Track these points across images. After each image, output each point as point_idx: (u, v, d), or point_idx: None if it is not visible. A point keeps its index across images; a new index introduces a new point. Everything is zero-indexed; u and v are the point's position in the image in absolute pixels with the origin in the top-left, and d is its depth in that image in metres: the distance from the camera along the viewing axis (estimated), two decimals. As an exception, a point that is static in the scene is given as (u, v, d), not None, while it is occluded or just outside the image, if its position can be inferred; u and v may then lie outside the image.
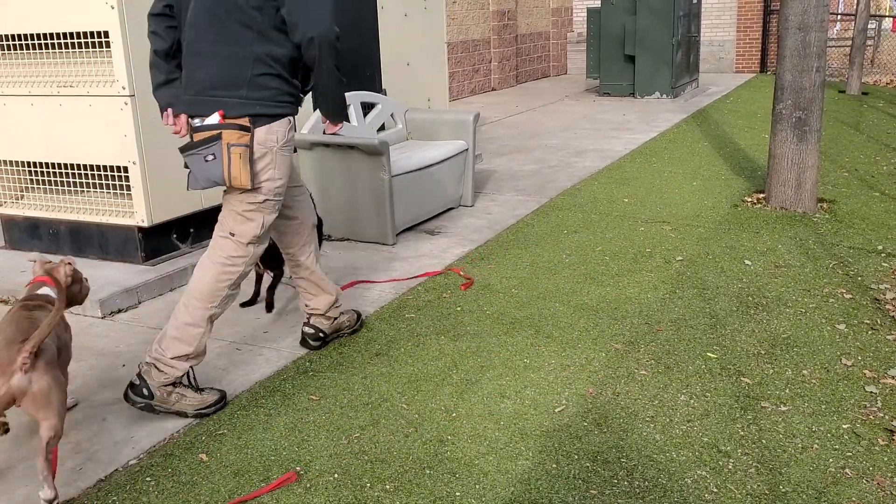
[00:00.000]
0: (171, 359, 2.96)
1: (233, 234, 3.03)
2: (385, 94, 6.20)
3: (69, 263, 2.88)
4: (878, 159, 7.32)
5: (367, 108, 5.83)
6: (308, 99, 5.47)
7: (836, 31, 17.86)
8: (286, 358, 3.55)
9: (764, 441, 2.81)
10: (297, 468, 2.70)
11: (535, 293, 4.24)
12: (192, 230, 4.83)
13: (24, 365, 2.37)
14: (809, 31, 5.38)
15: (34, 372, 2.40)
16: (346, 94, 5.59)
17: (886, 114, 9.48)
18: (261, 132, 2.90)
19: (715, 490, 2.54)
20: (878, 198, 5.98)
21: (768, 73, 14.90)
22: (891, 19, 16.49)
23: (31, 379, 2.39)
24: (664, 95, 11.68)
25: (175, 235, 4.74)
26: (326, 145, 5.09)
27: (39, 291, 2.74)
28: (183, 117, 3.03)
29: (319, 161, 5.15)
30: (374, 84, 6.14)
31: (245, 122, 2.85)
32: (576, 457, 2.74)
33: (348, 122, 4.09)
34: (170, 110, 3.07)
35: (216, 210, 4.96)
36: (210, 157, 2.83)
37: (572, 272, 4.56)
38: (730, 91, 12.54)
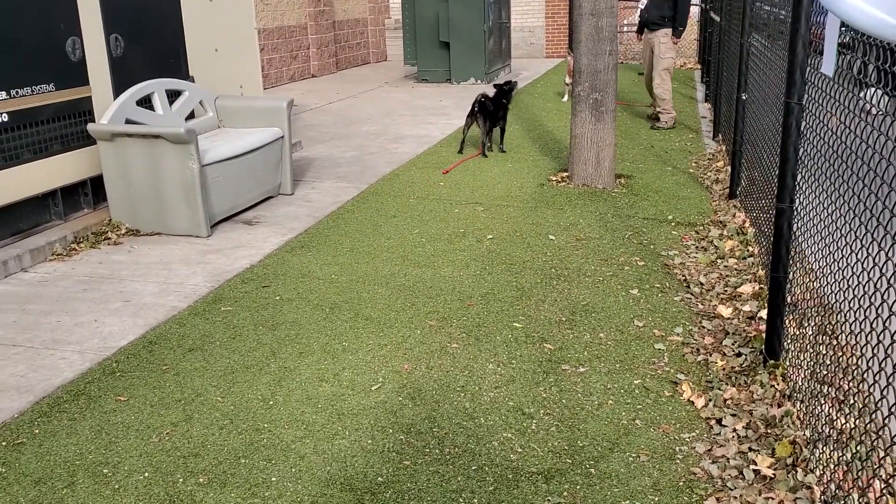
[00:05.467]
0: None
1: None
2: (193, 82, 5.99)
3: None
4: (671, 136, 7.94)
5: (173, 96, 5.62)
6: (106, 89, 5.21)
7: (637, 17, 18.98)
8: (91, 360, 3.39)
9: (564, 401, 3.02)
10: (105, 470, 2.61)
11: (354, 277, 4.29)
12: None
13: None
14: (601, 17, 5.74)
15: None
16: (148, 82, 5.37)
17: (680, 94, 10.28)
18: None
19: (520, 450, 2.71)
20: (670, 172, 6.51)
21: (576, 57, 15.69)
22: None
23: None
24: (479, 81, 12.03)
25: None
26: (129, 135, 4.87)
27: None
28: None
29: (122, 152, 4.92)
30: (180, 71, 5.92)
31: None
32: (390, 431, 2.82)
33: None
34: None
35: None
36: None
37: (391, 255, 4.64)
38: (540, 76, 13.12)
